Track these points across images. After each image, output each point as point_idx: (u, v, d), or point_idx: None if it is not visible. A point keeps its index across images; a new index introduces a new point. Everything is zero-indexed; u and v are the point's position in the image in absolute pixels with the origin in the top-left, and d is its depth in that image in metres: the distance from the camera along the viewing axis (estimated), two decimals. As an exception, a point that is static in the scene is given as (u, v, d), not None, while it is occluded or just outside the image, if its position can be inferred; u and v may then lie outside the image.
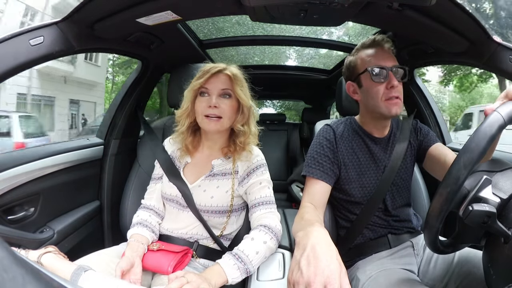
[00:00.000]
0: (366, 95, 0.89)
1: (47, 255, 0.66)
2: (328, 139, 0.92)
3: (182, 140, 0.91)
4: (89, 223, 1.19)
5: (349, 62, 0.94)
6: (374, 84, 0.85)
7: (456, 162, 0.52)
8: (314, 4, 0.77)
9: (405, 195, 0.95)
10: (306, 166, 0.92)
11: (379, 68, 0.85)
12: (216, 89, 0.84)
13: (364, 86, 0.89)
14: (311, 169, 0.89)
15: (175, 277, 0.61)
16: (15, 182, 0.89)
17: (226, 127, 0.86)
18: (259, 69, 2.25)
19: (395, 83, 0.84)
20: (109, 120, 1.29)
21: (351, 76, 0.93)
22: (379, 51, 0.87)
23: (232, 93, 0.85)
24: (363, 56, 0.89)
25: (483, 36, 0.84)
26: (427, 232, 0.58)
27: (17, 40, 0.71)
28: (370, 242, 0.91)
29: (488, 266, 0.56)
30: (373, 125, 0.94)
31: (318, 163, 0.89)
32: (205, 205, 0.86)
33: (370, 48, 0.89)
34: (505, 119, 0.52)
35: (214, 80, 0.84)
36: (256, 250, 0.74)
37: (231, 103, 0.85)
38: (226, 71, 0.85)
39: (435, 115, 1.35)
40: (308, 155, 0.93)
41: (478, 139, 0.51)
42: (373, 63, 0.86)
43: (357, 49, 0.92)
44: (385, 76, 0.84)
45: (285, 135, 2.83)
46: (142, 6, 0.78)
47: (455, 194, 0.52)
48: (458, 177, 0.51)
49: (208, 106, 0.82)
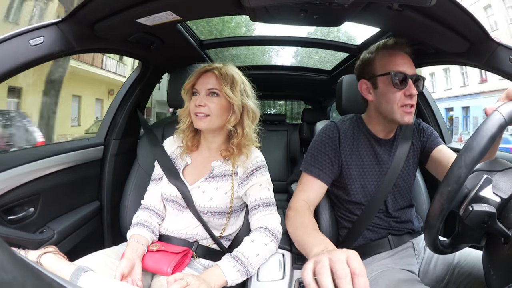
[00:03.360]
0: (380, 98, 0.85)
1: (46, 255, 0.66)
2: (331, 138, 0.91)
3: (184, 137, 0.93)
4: (89, 224, 1.19)
5: (365, 59, 0.90)
6: (393, 89, 0.82)
7: (457, 161, 0.52)
8: (314, 5, 0.77)
9: (406, 197, 0.95)
10: (305, 162, 0.91)
11: (402, 74, 0.81)
12: (203, 89, 0.86)
13: (380, 88, 0.85)
14: (310, 166, 0.89)
15: (174, 280, 0.61)
16: (15, 182, 0.88)
17: (215, 125, 0.87)
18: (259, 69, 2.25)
19: (414, 92, 0.81)
20: (109, 120, 1.29)
21: (366, 74, 0.89)
22: (401, 55, 0.84)
23: (220, 92, 0.85)
24: (383, 57, 0.85)
25: (483, 36, 0.84)
26: (428, 232, 0.58)
27: (17, 40, 0.71)
28: (371, 243, 0.91)
29: (488, 266, 0.56)
30: (380, 127, 0.92)
31: (317, 161, 0.89)
32: (204, 206, 0.85)
33: (392, 50, 0.85)
34: (506, 119, 0.52)
35: (202, 80, 0.87)
36: (256, 253, 0.74)
37: (219, 101, 0.85)
38: (214, 70, 0.86)
39: (435, 115, 1.35)
40: (309, 152, 0.92)
41: (479, 138, 0.51)
42: (396, 68, 0.82)
43: (377, 48, 0.88)
44: (406, 83, 0.81)
45: (285, 135, 2.83)
46: (142, 6, 0.78)
47: (456, 193, 0.52)
48: (459, 176, 0.51)
49: (196, 105, 0.85)
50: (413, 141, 0.95)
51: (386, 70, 0.83)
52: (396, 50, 0.85)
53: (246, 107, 0.89)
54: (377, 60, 0.86)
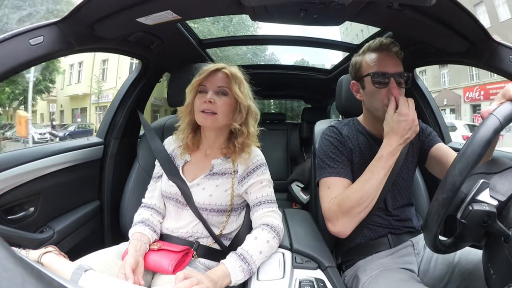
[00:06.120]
0: (368, 97, 0.90)
1: (47, 254, 0.67)
2: (337, 139, 0.92)
3: (184, 137, 0.92)
4: (89, 223, 1.19)
5: (355, 62, 0.94)
6: (375, 89, 0.85)
7: (452, 169, 0.52)
8: (314, 4, 0.77)
9: (406, 195, 0.95)
10: (321, 168, 0.89)
11: (381, 74, 0.84)
12: (213, 86, 0.85)
13: (366, 88, 0.89)
14: (330, 168, 0.87)
15: (183, 277, 0.61)
16: (15, 182, 0.89)
17: (221, 123, 0.86)
18: (259, 69, 2.25)
19: (395, 90, 0.82)
20: (109, 120, 1.29)
21: (356, 76, 0.93)
22: (385, 55, 0.86)
23: (229, 91, 0.85)
24: (367, 59, 0.89)
25: (483, 36, 0.84)
26: (427, 235, 0.58)
27: (17, 40, 0.71)
28: (370, 242, 0.91)
29: (488, 266, 0.56)
30: (374, 126, 0.94)
31: (335, 161, 0.88)
32: (204, 203, 0.86)
33: (376, 52, 0.88)
34: (501, 122, 0.52)
35: (212, 77, 0.86)
36: (259, 250, 0.75)
37: (227, 100, 0.85)
38: (224, 69, 0.86)
39: (435, 115, 1.35)
40: (323, 157, 0.90)
41: (473, 145, 0.51)
42: (376, 69, 0.85)
43: (364, 51, 0.92)
44: (387, 82, 0.84)
45: (285, 134, 2.83)
46: (142, 6, 0.78)
47: (451, 200, 0.52)
48: (453, 183, 0.51)
49: (204, 102, 0.84)
50: (412, 140, 0.96)
51: (369, 71, 0.87)
52: (382, 51, 0.87)
53: (250, 108, 0.89)
54: (364, 62, 0.90)
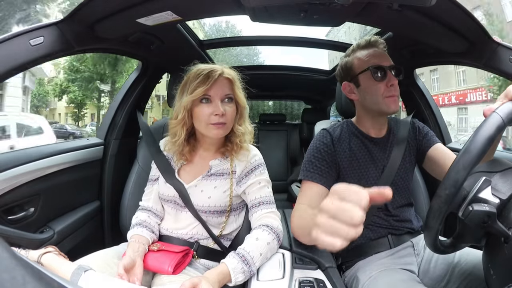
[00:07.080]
0: (364, 93, 0.90)
1: (47, 255, 0.66)
2: (325, 143, 0.92)
3: (179, 150, 0.88)
4: (89, 223, 1.19)
5: (345, 63, 0.96)
6: (375, 82, 0.87)
7: (455, 164, 0.52)
8: (314, 5, 0.77)
9: (405, 195, 0.95)
10: (303, 170, 0.91)
11: (380, 67, 0.87)
12: (218, 95, 0.81)
13: (362, 85, 0.90)
14: (309, 173, 0.89)
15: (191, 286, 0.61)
16: (15, 182, 0.89)
17: (229, 130, 0.86)
18: (259, 69, 2.25)
19: (394, 81, 0.87)
20: (109, 120, 1.29)
21: (347, 76, 0.94)
22: (374, 51, 0.90)
23: (234, 96, 0.85)
24: (360, 56, 0.91)
25: (483, 36, 0.84)
26: (427, 233, 0.58)
27: (17, 40, 0.71)
28: (370, 243, 0.91)
29: (488, 266, 0.56)
30: (370, 125, 0.95)
31: (316, 167, 0.89)
32: (202, 205, 0.85)
33: (366, 49, 0.91)
34: (504, 120, 0.52)
35: (216, 85, 0.81)
36: (260, 252, 0.75)
37: (233, 106, 0.85)
38: (225, 74, 0.83)
39: (435, 115, 1.35)
40: (305, 160, 0.92)
41: (477, 141, 0.51)
42: (373, 63, 0.88)
43: (353, 50, 0.94)
44: (384, 75, 0.87)
45: (285, 135, 2.83)
46: (142, 7, 0.78)
47: (453, 196, 0.52)
48: (456, 179, 0.51)
49: (215, 114, 0.80)
50: (409, 140, 0.97)
51: (365, 67, 0.89)
52: (371, 48, 0.91)
53: (246, 106, 0.89)
54: (355, 60, 0.92)
